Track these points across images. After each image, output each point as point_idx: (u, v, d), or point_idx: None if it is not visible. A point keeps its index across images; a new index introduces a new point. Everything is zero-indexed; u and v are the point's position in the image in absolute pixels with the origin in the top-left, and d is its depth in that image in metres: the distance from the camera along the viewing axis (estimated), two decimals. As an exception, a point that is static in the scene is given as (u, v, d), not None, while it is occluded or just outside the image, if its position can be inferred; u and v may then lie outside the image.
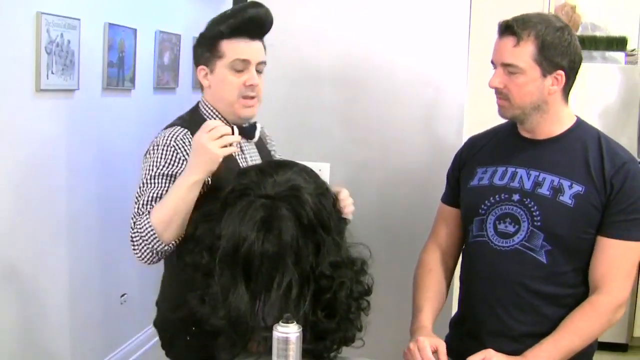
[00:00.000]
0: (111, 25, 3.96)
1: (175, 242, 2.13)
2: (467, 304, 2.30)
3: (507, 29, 2.12)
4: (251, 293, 1.82)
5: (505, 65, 2.12)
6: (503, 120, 2.32)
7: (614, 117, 4.93)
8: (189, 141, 2.23)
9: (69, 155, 3.69)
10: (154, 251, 2.10)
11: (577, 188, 2.12)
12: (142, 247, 2.11)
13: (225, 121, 2.28)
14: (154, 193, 2.18)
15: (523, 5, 2.35)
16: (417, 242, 2.50)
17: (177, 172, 2.18)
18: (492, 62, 2.19)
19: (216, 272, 1.84)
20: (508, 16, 2.18)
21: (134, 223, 2.14)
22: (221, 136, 2.07)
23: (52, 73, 3.41)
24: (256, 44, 2.27)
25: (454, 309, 2.43)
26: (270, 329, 1.76)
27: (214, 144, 2.05)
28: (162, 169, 2.20)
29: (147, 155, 2.28)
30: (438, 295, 2.33)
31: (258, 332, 1.86)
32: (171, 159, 2.20)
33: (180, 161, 2.20)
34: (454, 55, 2.97)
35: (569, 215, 2.11)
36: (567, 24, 2.16)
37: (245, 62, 2.23)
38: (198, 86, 2.37)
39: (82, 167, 3.82)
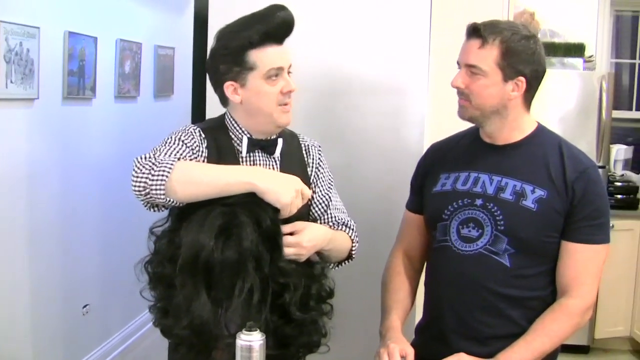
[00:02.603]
0: (71, 33, 3.93)
1: (166, 202, 1.94)
2: (433, 309, 2.31)
3: (475, 31, 2.15)
4: (213, 301, 1.82)
5: (469, 66, 2.15)
6: (464, 127, 2.34)
7: (573, 122, 4.98)
8: (198, 135, 2.13)
9: (30, 165, 3.65)
10: (148, 188, 1.91)
11: (539, 193, 2.14)
12: (143, 176, 1.92)
13: (250, 136, 2.16)
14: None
15: (483, 13, 2.37)
16: (380, 247, 2.51)
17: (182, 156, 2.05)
18: (458, 63, 2.21)
19: (178, 282, 1.83)
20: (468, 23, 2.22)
21: (153, 156, 1.97)
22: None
23: (11, 82, 3.38)
24: (284, 47, 2.12)
25: (419, 314, 2.43)
26: (234, 337, 1.77)
27: (292, 193, 1.94)
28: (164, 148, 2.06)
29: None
30: (406, 297, 2.35)
31: (222, 339, 1.86)
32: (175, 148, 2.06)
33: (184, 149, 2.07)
34: (415, 63, 2.99)
35: (532, 220, 2.13)
36: (535, 35, 2.19)
37: (279, 69, 2.09)
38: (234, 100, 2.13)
39: (43, 176, 3.78)
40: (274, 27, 2.07)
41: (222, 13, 2.94)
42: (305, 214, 2.19)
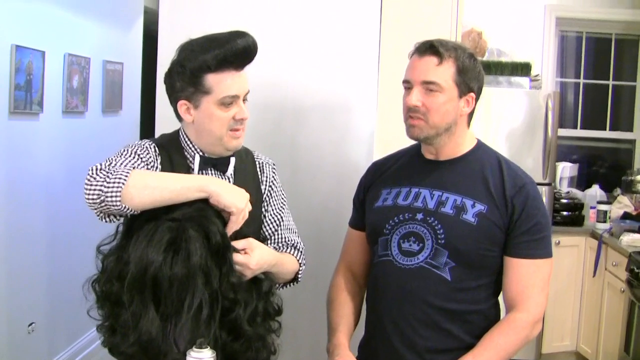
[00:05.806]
0: (18, 47, 3.88)
1: (121, 210, 1.90)
2: (374, 323, 2.31)
3: (430, 48, 2.17)
4: (161, 316, 1.80)
5: (426, 83, 2.16)
6: (412, 143, 2.36)
7: (519, 140, 5.05)
8: (153, 150, 2.14)
9: (-26, 181, 3.59)
10: (103, 196, 1.87)
11: (479, 207, 2.18)
12: (98, 184, 1.88)
13: (202, 154, 2.16)
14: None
15: (431, 33, 2.39)
16: (329, 263, 2.52)
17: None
18: (406, 82, 2.21)
19: (126, 299, 1.82)
20: (417, 42, 2.24)
21: (107, 166, 1.95)
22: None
23: (-44, 96, 3.33)
24: (242, 75, 2.11)
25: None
26: (182, 353, 1.75)
27: (245, 199, 1.98)
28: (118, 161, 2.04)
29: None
30: (352, 313, 2.36)
31: (170, 356, 1.85)
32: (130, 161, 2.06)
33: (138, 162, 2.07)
34: (365, 80, 3.02)
35: (472, 233, 2.16)
36: (475, 52, 2.24)
37: (234, 97, 2.09)
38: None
39: (-13, 192, 3.72)
40: (232, 54, 2.05)
41: (171, 29, 2.95)
42: (256, 233, 2.19)
